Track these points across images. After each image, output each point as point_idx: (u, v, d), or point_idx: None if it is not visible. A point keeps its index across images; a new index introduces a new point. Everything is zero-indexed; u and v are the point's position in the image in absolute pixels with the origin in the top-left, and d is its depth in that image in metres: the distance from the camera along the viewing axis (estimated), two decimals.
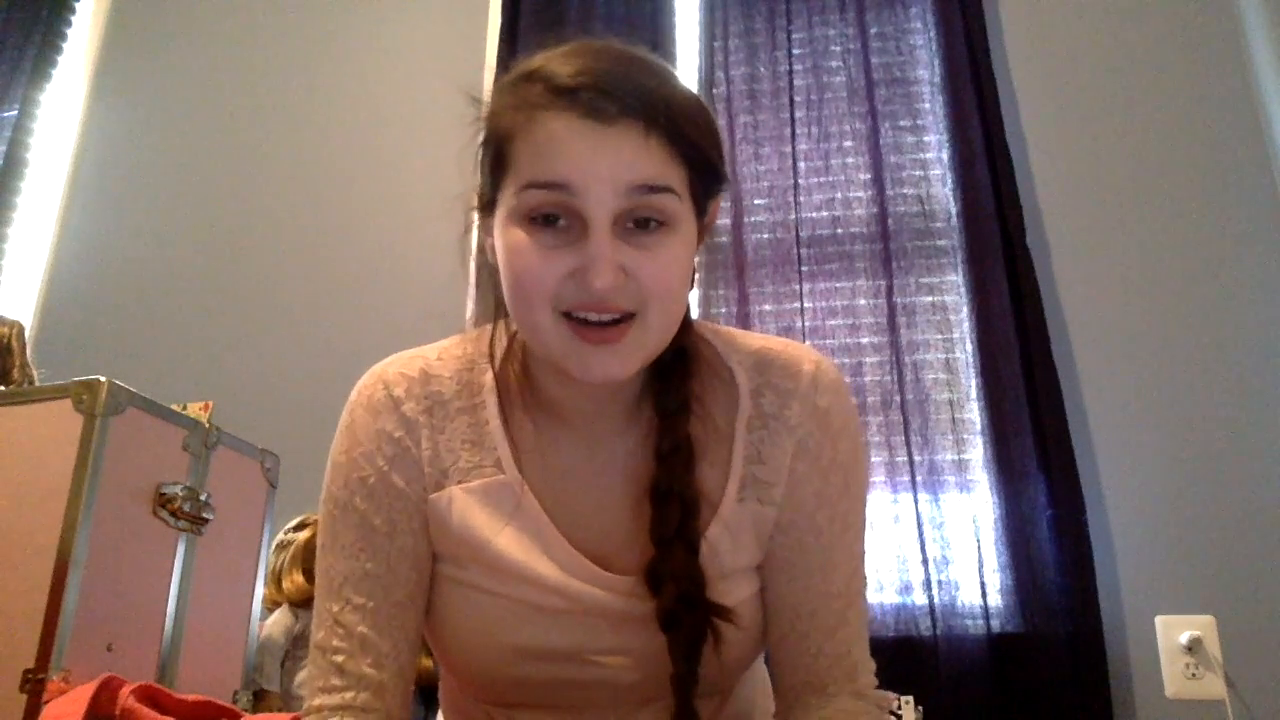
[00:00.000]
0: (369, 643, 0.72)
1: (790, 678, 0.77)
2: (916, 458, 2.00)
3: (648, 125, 0.63)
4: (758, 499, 0.75)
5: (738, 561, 0.75)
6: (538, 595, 0.73)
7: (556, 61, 0.65)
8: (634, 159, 0.63)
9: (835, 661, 0.75)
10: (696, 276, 0.76)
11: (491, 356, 0.77)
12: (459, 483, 0.74)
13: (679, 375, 0.75)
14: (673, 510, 0.71)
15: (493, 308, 0.74)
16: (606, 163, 0.62)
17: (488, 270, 0.73)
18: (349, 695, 0.71)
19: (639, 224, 0.65)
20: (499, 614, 0.73)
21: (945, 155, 2.21)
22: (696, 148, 0.66)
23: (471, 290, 2.25)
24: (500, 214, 0.67)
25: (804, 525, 0.76)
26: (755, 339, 0.81)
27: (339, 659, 0.72)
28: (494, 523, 0.73)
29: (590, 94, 0.62)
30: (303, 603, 1.71)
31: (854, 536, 0.78)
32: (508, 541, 0.73)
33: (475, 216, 0.74)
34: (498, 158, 0.67)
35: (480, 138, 0.70)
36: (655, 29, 2.39)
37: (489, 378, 0.77)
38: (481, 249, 0.74)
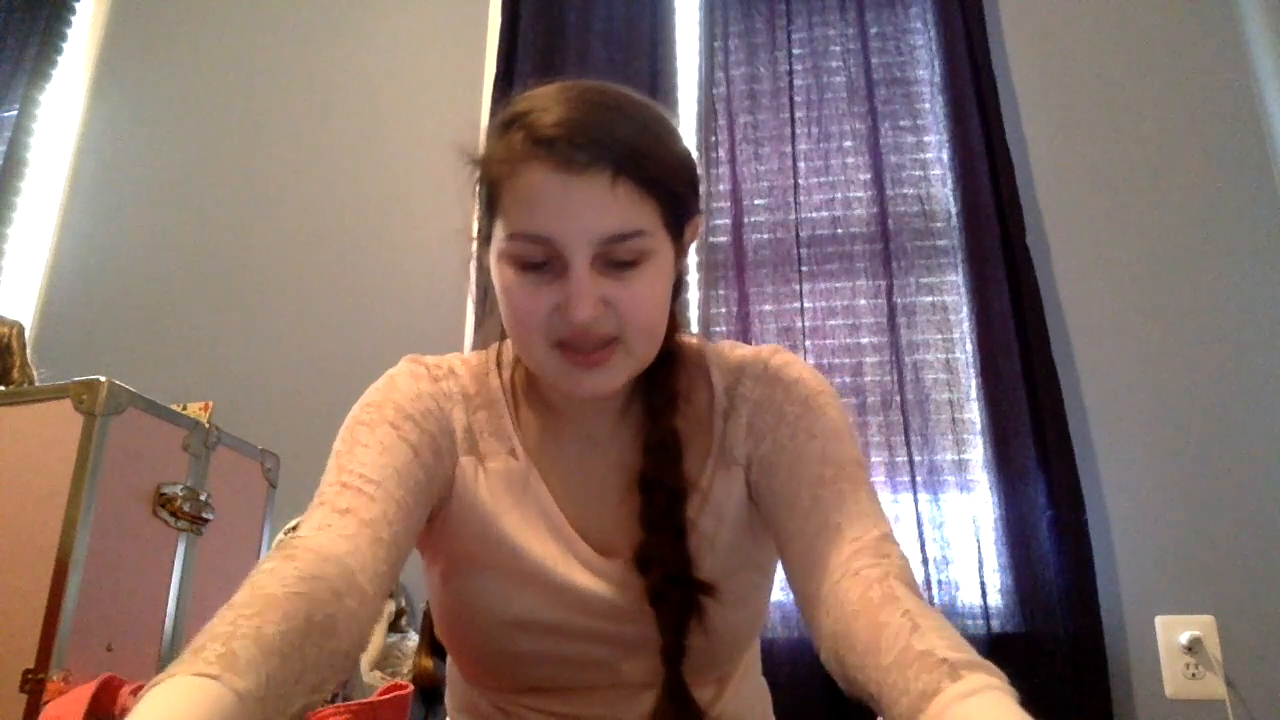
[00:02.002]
0: (364, 499, 0.69)
1: (822, 588, 0.68)
2: (916, 458, 2.00)
3: (615, 173, 0.68)
4: (725, 466, 0.81)
5: (725, 538, 0.80)
6: (534, 572, 0.77)
7: (540, 109, 0.71)
8: (603, 209, 0.68)
9: (839, 538, 0.69)
10: (685, 281, 0.83)
11: (499, 365, 0.85)
12: (480, 461, 0.81)
13: (665, 375, 0.81)
14: (660, 498, 0.77)
15: (500, 322, 0.78)
16: (579, 214, 0.68)
17: (492, 289, 0.78)
18: (325, 525, 0.66)
19: (615, 262, 0.70)
20: (494, 586, 0.78)
21: (945, 155, 2.20)
22: (665, 187, 0.71)
23: (472, 290, 2.25)
24: (494, 249, 0.74)
25: (773, 449, 0.78)
26: (737, 349, 0.86)
27: (326, 504, 0.68)
28: (505, 501, 0.79)
29: (564, 145, 0.68)
30: None
31: (830, 439, 0.76)
32: (514, 521, 0.79)
33: (476, 239, 0.81)
34: (490, 199, 0.74)
35: (475, 177, 0.77)
36: (655, 29, 2.39)
37: (499, 381, 0.84)
38: (485, 268, 0.79)
